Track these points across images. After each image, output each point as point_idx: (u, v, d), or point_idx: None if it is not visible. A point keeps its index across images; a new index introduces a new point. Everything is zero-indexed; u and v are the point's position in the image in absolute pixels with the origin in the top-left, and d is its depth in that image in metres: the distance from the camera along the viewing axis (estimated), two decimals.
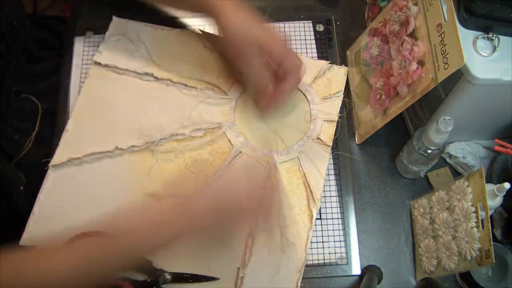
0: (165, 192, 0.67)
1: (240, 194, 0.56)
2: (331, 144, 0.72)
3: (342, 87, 0.75)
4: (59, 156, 0.70)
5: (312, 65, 0.76)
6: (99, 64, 0.76)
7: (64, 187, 0.68)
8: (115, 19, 0.79)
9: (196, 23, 0.80)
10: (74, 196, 0.68)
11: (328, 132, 0.72)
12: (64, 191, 0.68)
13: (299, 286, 0.63)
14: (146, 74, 0.75)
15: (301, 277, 0.64)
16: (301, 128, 0.73)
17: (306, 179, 0.69)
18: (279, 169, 0.69)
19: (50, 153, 0.71)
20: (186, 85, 0.75)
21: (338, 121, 0.73)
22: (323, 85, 0.75)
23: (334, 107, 0.74)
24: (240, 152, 0.71)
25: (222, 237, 0.65)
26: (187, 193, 0.61)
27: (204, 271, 0.64)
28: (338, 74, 0.77)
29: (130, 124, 0.72)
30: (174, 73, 0.76)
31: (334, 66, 0.77)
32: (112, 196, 0.68)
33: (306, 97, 0.74)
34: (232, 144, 0.71)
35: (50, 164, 0.69)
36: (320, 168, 0.70)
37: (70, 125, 0.72)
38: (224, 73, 0.75)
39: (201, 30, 0.79)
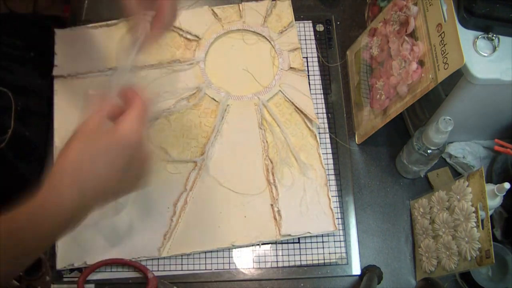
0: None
1: None
2: (303, 68, 0.77)
3: (291, 17, 0.81)
4: None
5: (257, 7, 0.81)
6: (61, 77, 0.75)
7: None
8: (57, 32, 0.78)
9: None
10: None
11: (296, 60, 0.77)
12: None
13: (330, 198, 0.68)
14: (110, 69, 0.75)
15: (329, 190, 0.69)
16: (272, 65, 0.77)
17: (295, 106, 0.74)
18: (268, 106, 0.74)
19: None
20: (152, 65, 0.76)
21: (300, 48, 0.78)
22: (274, 22, 0.80)
23: (292, 37, 0.79)
24: (228, 105, 0.74)
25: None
26: (196, 159, 0.70)
27: (241, 218, 0.67)
28: (283, 8, 0.81)
29: None
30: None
31: (277, 2, 0.82)
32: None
33: (264, 37, 0.79)
34: (217, 101, 0.74)
35: None
36: (303, 91, 0.75)
37: (58, 142, 0.71)
38: (181, 43, 0.78)
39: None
